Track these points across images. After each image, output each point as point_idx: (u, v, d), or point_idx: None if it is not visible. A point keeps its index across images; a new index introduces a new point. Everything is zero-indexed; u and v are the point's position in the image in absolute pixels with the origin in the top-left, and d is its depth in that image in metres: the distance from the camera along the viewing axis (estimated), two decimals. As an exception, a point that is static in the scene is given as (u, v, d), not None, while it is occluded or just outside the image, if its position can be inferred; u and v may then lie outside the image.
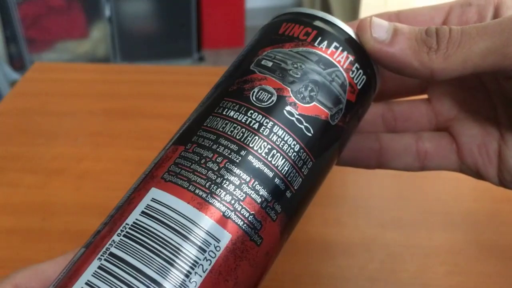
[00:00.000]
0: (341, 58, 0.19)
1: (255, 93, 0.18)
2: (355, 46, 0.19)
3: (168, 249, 0.14)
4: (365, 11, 1.02)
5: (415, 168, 0.22)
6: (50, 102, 0.57)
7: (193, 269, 0.14)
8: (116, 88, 0.60)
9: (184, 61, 1.90)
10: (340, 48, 0.19)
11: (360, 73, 0.19)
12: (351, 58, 0.19)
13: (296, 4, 2.07)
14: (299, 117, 0.17)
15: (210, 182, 0.16)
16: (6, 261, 0.38)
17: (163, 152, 0.18)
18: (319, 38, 0.19)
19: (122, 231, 0.15)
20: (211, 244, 0.15)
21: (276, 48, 0.19)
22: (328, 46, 0.19)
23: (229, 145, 0.16)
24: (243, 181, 0.16)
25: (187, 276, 0.14)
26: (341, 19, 0.19)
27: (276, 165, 0.16)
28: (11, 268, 0.37)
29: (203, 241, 0.15)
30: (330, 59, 0.18)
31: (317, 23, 0.19)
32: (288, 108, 0.17)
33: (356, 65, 0.19)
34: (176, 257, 0.14)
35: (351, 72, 0.19)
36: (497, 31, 0.17)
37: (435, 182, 0.45)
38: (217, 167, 0.16)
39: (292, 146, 0.17)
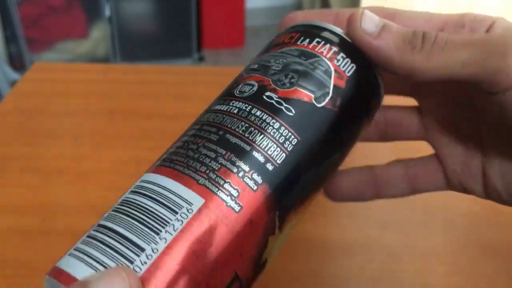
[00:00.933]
0: (323, 50, 0.20)
1: (239, 88, 0.19)
2: (340, 39, 0.20)
3: (141, 211, 0.16)
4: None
5: (408, 192, 0.24)
6: (50, 102, 0.57)
7: (163, 227, 0.16)
8: (116, 88, 0.60)
9: (184, 61, 1.90)
10: (323, 42, 0.20)
11: (348, 61, 0.20)
12: (335, 49, 0.20)
13: (296, 5, 2.07)
14: (278, 99, 0.19)
15: (188, 158, 0.18)
16: (6, 261, 0.38)
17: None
18: (302, 38, 0.20)
19: (112, 208, 0.18)
20: (183, 206, 0.16)
21: (264, 55, 0.21)
22: (310, 42, 0.20)
23: (209, 129, 0.18)
24: (219, 155, 0.17)
25: (157, 233, 0.16)
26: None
27: (253, 140, 0.18)
28: (11, 268, 0.37)
29: (174, 203, 0.16)
30: (312, 51, 0.20)
31: (301, 28, 0.21)
32: (267, 93, 0.19)
33: (342, 54, 0.20)
34: (147, 217, 0.16)
35: (336, 61, 0.20)
36: (480, 45, 0.18)
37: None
38: (196, 146, 0.18)
39: (271, 124, 0.18)
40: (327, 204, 0.43)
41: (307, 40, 0.20)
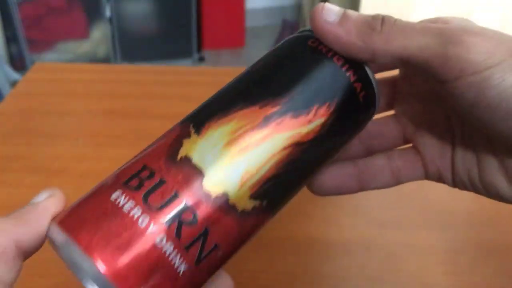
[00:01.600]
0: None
1: None
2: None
3: None
4: (364, 11, 1.02)
5: (391, 184, 0.24)
6: (51, 102, 0.57)
7: None
8: (116, 88, 0.60)
9: (184, 62, 1.90)
10: None
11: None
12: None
13: (296, 5, 2.08)
14: None
15: None
16: (7, 261, 0.38)
17: None
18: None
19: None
20: None
21: None
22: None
23: None
24: None
25: None
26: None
27: None
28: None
29: None
30: None
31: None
32: None
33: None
34: None
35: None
36: (437, 33, 0.19)
37: (434, 182, 0.46)
38: None
39: None
40: (326, 204, 0.43)
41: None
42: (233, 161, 0.18)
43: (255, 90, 0.19)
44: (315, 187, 0.24)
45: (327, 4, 0.20)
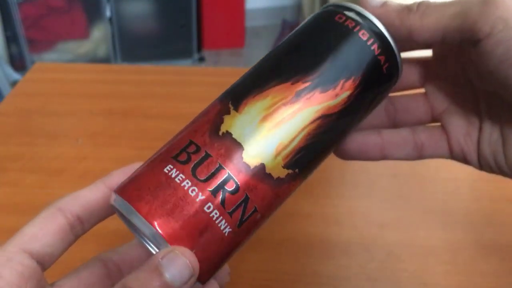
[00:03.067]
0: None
1: None
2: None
3: None
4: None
5: (413, 157, 0.25)
6: (51, 102, 0.57)
7: None
8: (116, 88, 0.60)
9: (185, 62, 1.90)
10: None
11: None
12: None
13: (296, 6, 2.07)
14: None
15: None
16: (7, 261, 0.38)
17: None
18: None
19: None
20: None
21: None
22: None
23: None
24: None
25: None
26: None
27: None
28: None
29: None
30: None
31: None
32: None
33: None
34: None
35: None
36: (465, 2, 0.21)
37: (434, 182, 0.46)
38: None
39: None
40: (326, 204, 0.43)
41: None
42: (268, 135, 0.19)
43: (287, 67, 0.21)
44: (339, 151, 0.25)
45: None
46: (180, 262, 0.17)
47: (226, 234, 0.19)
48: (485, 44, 0.20)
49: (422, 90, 0.26)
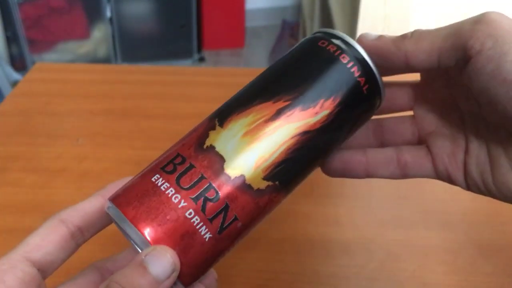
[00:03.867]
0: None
1: None
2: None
3: None
4: (364, 12, 1.02)
5: (397, 176, 0.26)
6: (51, 102, 0.57)
7: None
8: (116, 88, 0.60)
9: (185, 62, 1.90)
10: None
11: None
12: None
13: (296, 6, 2.07)
14: None
15: None
16: (7, 260, 0.38)
17: None
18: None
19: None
20: None
21: None
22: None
23: None
24: None
25: None
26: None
27: None
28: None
29: None
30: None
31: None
32: None
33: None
34: None
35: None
36: (457, 24, 0.22)
37: (434, 181, 0.46)
38: None
39: None
40: (326, 204, 0.43)
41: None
42: (249, 148, 0.21)
43: (270, 87, 0.22)
44: (325, 168, 0.26)
45: (367, 33, 0.24)
46: (162, 258, 0.19)
47: (206, 239, 0.20)
48: (476, 61, 0.20)
49: (410, 113, 0.27)
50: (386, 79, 0.25)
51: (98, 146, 0.50)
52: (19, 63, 1.69)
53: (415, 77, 0.26)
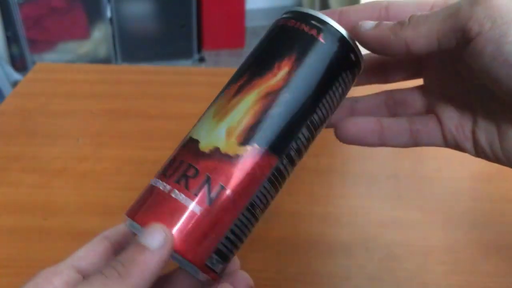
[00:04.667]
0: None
1: None
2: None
3: None
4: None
5: (410, 144, 0.27)
6: (52, 102, 0.57)
7: None
8: (117, 88, 0.60)
9: (185, 62, 1.90)
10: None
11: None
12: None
13: (296, 5, 2.08)
14: None
15: None
16: (8, 260, 0.38)
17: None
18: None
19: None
20: None
21: None
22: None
23: None
24: None
25: None
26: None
27: None
28: (12, 268, 0.37)
29: None
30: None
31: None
32: None
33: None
34: None
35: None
36: (454, 5, 0.22)
37: (434, 182, 0.46)
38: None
39: None
40: (326, 204, 0.43)
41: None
42: (219, 125, 0.22)
43: (235, 75, 0.24)
44: (338, 133, 0.27)
45: (364, 22, 0.24)
46: (152, 230, 0.21)
47: (198, 212, 0.21)
48: (476, 43, 0.20)
49: (421, 82, 0.28)
50: None
51: (98, 146, 0.50)
52: (19, 63, 1.69)
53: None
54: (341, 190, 0.45)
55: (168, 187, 0.22)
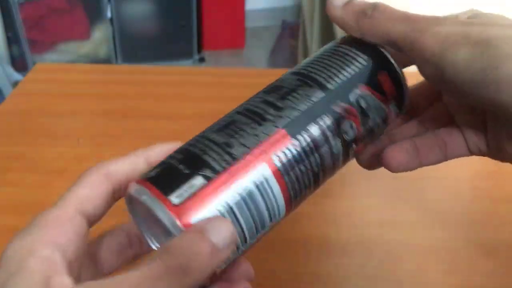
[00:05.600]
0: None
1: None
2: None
3: None
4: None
5: (442, 159, 0.26)
6: (52, 102, 0.57)
7: None
8: (117, 89, 0.60)
9: (185, 62, 1.90)
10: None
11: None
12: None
13: (296, 6, 2.07)
14: None
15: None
16: (8, 260, 0.38)
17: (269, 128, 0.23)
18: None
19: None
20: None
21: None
22: None
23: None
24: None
25: None
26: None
27: None
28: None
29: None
30: None
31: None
32: None
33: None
34: None
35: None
36: (413, 21, 0.22)
37: (433, 181, 0.46)
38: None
39: None
40: (325, 204, 0.43)
41: None
42: None
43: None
44: (385, 164, 0.26)
45: None
46: (219, 223, 0.19)
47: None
48: (430, 66, 0.21)
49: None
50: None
51: (98, 146, 0.50)
52: (19, 64, 1.70)
53: None
54: (341, 190, 0.45)
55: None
